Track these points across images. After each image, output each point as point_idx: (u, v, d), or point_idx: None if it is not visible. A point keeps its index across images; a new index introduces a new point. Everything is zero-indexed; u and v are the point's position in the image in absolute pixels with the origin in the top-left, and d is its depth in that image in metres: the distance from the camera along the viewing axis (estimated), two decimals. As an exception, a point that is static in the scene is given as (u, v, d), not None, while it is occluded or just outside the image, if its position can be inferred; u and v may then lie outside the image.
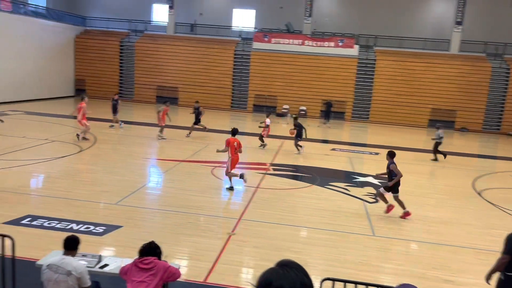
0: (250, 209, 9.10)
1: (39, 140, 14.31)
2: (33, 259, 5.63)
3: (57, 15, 27.67)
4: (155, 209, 8.80)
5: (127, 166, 12.18)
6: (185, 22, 30.27)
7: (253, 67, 28.19)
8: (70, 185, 9.88)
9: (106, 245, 6.88)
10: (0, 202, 8.39)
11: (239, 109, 28.19)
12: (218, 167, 12.77)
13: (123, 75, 29.56)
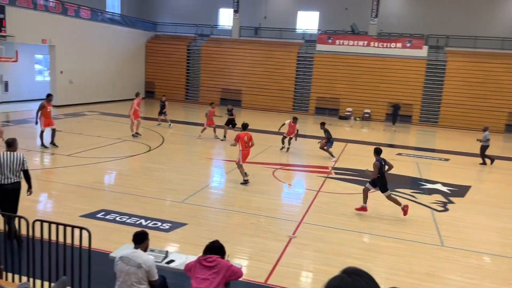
0: (310, 212, 9.04)
1: (113, 139, 15.24)
2: (107, 251, 6.03)
3: (131, 22, 29.32)
4: (218, 209, 9.03)
5: (192, 165, 12.61)
6: (250, 26, 30.74)
7: (316, 69, 27.98)
8: (140, 183, 10.42)
9: (171, 241, 7.18)
10: (78, 196, 9.06)
11: (301, 112, 28.08)
12: (280, 169, 12.83)
13: (189, 78, 30.63)
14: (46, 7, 22.33)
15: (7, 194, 6.51)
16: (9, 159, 6.57)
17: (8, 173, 6.51)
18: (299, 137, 15.90)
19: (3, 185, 6.48)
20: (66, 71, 23.14)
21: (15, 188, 6.60)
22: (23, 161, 6.70)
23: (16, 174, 6.59)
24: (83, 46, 24.10)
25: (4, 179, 6.49)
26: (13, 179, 6.56)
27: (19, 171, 6.64)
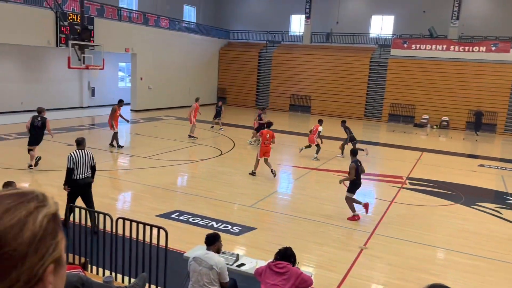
0: (383, 223, 8.72)
1: (187, 143, 15.87)
2: (180, 250, 6.27)
3: (206, 30, 30.44)
4: (287, 215, 9.02)
5: (261, 171, 12.72)
6: (321, 31, 30.51)
7: (390, 74, 27.02)
8: (211, 186, 10.73)
9: (241, 245, 7.29)
10: (155, 196, 9.54)
11: (373, 118, 27.27)
12: (350, 177, 12.52)
13: (260, 84, 31.06)
14: (129, 18, 23.91)
15: (80, 189, 7.25)
16: (82, 156, 7.27)
17: (81, 170, 7.23)
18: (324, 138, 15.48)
19: (77, 180, 7.19)
20: (145, 78, 24.57)
21: (87, 183, 7.34)
22: (92, 157, 7.44)
23: (87, 170, 7.32)
24: (161, 54, 25.43)
25: (78, 175, 7.21)
26: (85, 174, 7.28)
27: (89, 167, 7.36)
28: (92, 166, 7.45)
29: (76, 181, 7.20)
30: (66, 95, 23.20)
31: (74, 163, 7.18)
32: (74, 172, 7.19)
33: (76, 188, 7.22)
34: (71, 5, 19.95)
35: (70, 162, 7.19)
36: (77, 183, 7.20)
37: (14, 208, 0.75)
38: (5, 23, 16.87)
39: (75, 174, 7.20)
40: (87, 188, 7.36)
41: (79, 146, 7.43)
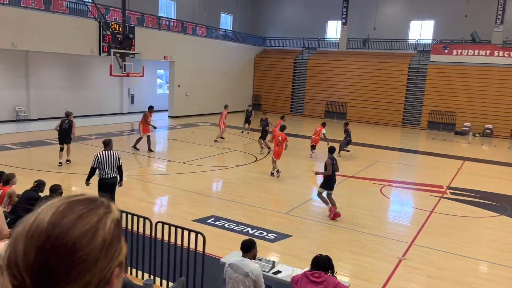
0: (423, 234, 8.46)
1: (222, 149, 16.03)
2: (216, 256, 6.33)
3: (242, 37, 30.77)
4: (322, 223, 8.92)
5: (296, 177, 12.69)
6: (358, 38, 30.17)
7: (429, 81, 26.30)
8: (246, 192, 10.78)
9: (277, 252, 7.27)
10: (191, 201, 9.69)
11: (412, 126, 26.59)
12: (388, 185, 12.27)
13: (295, 91, 31.01)
14: (168, 27, 24.53)
15: (106, 188, 7.54)
16: (108, 157, 7.62)
17: (107, 169, 7.60)
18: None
19: (104, 179, 7.59)
20: (182, 85, 25.08)
21: (113, 182, 7.72)
22: (118, 158, 7.76)
23: (113, 170, 7.67)
24: (198, 61, 25.91)
25: (104, 174, 7.59)
26: (111, 174, 7.65)
27: (115, 167, 7.70)
28: (119, 166, 7.78)
29: (105, 179, 7.60)
30: (107, 102, 24.02)
31: (99, 163, 7.56)
32: (101, 172, 7.59)
33: (103, 187, 7.57)
34: (113, 15, 20.69)
35: (95, 162, 7.59)
36: (105, 182, 7.59)
37: (86, 215, 0.79)
38: (53, 33, 17.72)
39: (102, 174, 7.60)
40: (113, 187, 7.76)
41: (106, 147, 7.79)
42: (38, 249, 0.74)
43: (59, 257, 0.74)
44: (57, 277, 0.74)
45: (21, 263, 0.74)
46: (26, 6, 17.09)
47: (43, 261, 0.74)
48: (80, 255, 0.75)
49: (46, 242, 0.74)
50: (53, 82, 20.98)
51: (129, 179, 11.67)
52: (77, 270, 0.75)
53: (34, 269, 0.74)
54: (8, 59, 18.90)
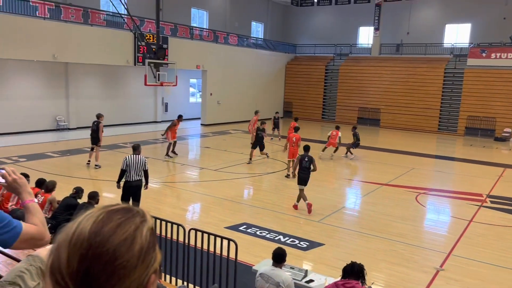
0: (461, 244, 8.17)
1: (255, 157, 16.07)
2: (247, 263, 6.34)
3: (273, 45, 30.90)
4: (356, 231, 8.77)
5: (329, 185, 12.55)
6: (391, 43, 29.69)
7: (466, 85, 25.48)
8: (277, 199, 10.75)
9: (309, 260, 7.20)
10: (223, 208, 9.76)
11: (448, 132, 25.80)
12: (423, 193, 11.94)
13: (326, 98, 30.78)
14: (200, 36, 24.97)
15: (132, 190, 8.07)
16: (135, 161, 8.08)
17: (133, 172, 8.04)
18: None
19: (130, 182, 8.03)
20: (214, 93, 25.40)
21: (138, 185, 8.15)
22: (144, 162, 8.21)
23: (139, 174, 8.12)
24: (230, 70, 26.20)
25: (130, 177, 8.03)
26: (137, 177, 8.08)
27: (141, 171, 8.15)
28: (145, 170, 8.23)
29: (130, 182, 8.04)
30: (142, 111, 24.62)
31: (128, 165, 8.02)
32: (127, 174, 8.02)
33: (129, 189, 8.06)
34: (148, 26, 21.28)
35: (124, 164, 8.08)
36: (130, 184, 8.04)
37: (124, 223, 0.83)
38: (91, 45, 18.40)
39: (128, 176, 8.03)
40: (138, 189, 8.19)
41: (135, 151, 8.32)
42: (81, 257, 0.78)
43: (100, 264, 0.77)
44: (99, 284, 0.77)
45: (65, 270, 0.78)
46: (66, 19, 17.84)
47: (85, 268, 0.77)
48: (119, 262, 0.79)
49: (88, 250, 0.78)
50: (90, 92, 21.74)
51: (163, 186, 11.89)
52: (117, 277, 0.78)
53: (78, 276, 0.77)
54: (49, 70, 19.75)
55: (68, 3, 18.70)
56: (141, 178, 8.21)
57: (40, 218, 1.95)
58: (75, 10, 18.25)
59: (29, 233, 1.86)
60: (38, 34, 16.52)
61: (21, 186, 1.95)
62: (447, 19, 28.83)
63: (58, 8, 17.68)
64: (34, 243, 1.92)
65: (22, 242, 1.85)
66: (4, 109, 18.24)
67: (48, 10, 17.24)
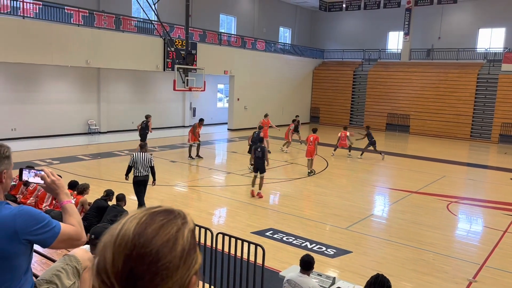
0: (495, 255, 7.88)
1: (280, 162, 16.05)
2: (275, 269, 6.31)
3: (300, 50, 30.84)
4: (384, 239, 8.60)
5: (357, 192, 12.38)
6: (421, 48, 29.12)
7: (500, 91, 24.68)
8: (304, 205, 10.68)
9: (336, 267, 7.10)
10: (250, 213, 9.76)
11: (481, 139, 25.03)
12: (455, 202, 11.60)
13: (354, 103, 30.44)
14: (228, 42, 25.20)
15: (139, 184, 8.84)
16: (142, 158, 8.81)
17: (141, 169, 8.78)
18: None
19: (137, 176, 8.81)
20: (241, 98, 25.54)
21: (145, 180, 8.89)
22: (151, 159, 8.91)
23: (145, 170, 8.84)
24: (257, 75, 26.30)
25: (138, 172, 8.79)
26: (143, 173, 8.82)
27: (148, 167, 8.86)
28: (151, 167, 8.92)
29: (137, 177, 8.82)
30: (170, 115, 25.01)
31: (135, 162, 8.81)
32: (135, 170, 8.81)
33: (137, 183, 8.84)
34: (177, 32, 21.64)
35: (131, 161, 8.90)
36: (138, 179, 8.82)
37: (166, 225, 0.85)
38: (122, 51, 18.86)
39: (136, 172, 8.81)
40: (144, 184, 8.94)
41: (142, 149, 9.06)
42: (126, 257, 0.80)
43: (144, 264, 0.79)
44: (143, 283, 0.79)
45: (110, 270, 0.80)
46: (99, 26, 18.36)
47: (130, 268, 0.79)
48: (163, 263, 0.80)
49: (132, 250, 0.80)
50: (121, 97, 22.25)
51: (190, 190, 12.01)
52: (160, 277, 0.80)
53: (123, 276, 0.79)
54: (82, 76, 20.35)
55: (101, 10, 19.25)
56: (148, 174, 8.92)
57: (77, 219, 2.01)
58: (108, 17, 18.77)
59: (67, 233, 1.92)
60: (72, 40, 17.07)
61: (59, 187, 2.01)
62: (480, 23, 28.07)
63: (92, 15, 18.22)
64: (71, 243, 1.98)
65: (60, 242, 1.92)
66: (39, 113, 18.90)
67: (82, 17, 17.79)
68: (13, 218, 1.84)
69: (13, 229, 1.83)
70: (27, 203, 7.70)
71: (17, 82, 18.21)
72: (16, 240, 1.84)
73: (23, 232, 1.85)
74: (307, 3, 32.44)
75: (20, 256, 1.90)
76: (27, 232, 1.85)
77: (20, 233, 1.84)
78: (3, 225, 1.83)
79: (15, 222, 1.84)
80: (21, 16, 15.85)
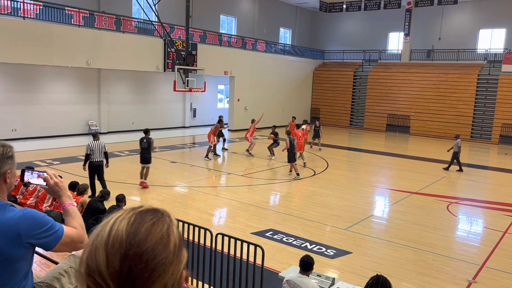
0: (495, 256, 7.88)
1: (280, 162, 16.05)
2: (275, 269, 6.31)
3: (300, 51, 30.86)
4: (384, 240, 8.60)
5: (357, 192, 12.38)
6: (421, 49, 29.13)
7: (501, 92, 24.68)
8: (304, 206, 10.68)
9: (336, 268, 7.10)
10: (250, 214, 9.77)
11: (481, 140, 25.03)
12: (455, 203, 11.60)
13: (354, 104, 30.45)
14: (229, 43, 25.21)
15: (95, 168, 10.17)
16: (96, 145, 10.14)
17: (97, 155, 10.11)
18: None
19: (93, 162, 10.12)
20: (242, 99, 25.54)
21: (100, 165, 10.24)
22: (104, 145, 10.28)
23: (100, 155, 10.19)
24: (257, 76, 26.31)
25: (94, 158, 10.11)
26: (98, 158, 10.18)
27: (102, 153, 10.20)
28: (105, 152, 10.27)
29: (93, 162, 10.12)
30: (171, 116, 25.02)
31: (91, 150, 10.06)
32: (92, 157, 10.05)
33: (94, 168, 10.13)
34: (177, 33, 21.66)
35: (88, 149, 10.10)
36: (94, 164, 10.13)
37: (157, 223, 0.87)
38: (123, 52, 18.88)
39: (93, 158, 10.07)
40: (101, 168, 10.25)
41: (95, 138, 10.32)
42: (122, 257, 0.81)
43: (142, 262, 0.81)
44: (141, 281, 0.80)
45: (105, 271, 0.81)
46: (99, 27, 18.38)
47: (128, 267, 0.80)
48: (159, 259, 0.82)
49: (128, 249, 0.81)
50: (121, 97, 22.26)
51: (190, 190, 12.02)
52: (157, 273, 0.82)
53: (121, 275, 0.80)
54: (83, 76, 20.37)
55: (102, 11, 19.27)
56: (102, 159, 10.23)
57: (79, 221, 2.01)
58: (108, 17, 18.79)
59: (69, 236, 1.91)
60: (73, 41, 17.09)
61: (61, 189, 2.01)
62: (480, 24, 28.07)
63: (92, 16, 18.25)
64: (74, 245, 1.98)
65: (63, 245, 1.91)
66: (40, 113, 18.91)
67: (83, 18, 17.81)
68: (17, 221, 1.83)
69: (17, 232, 1.82)
70: (27, 203, 7.71)
71: (18, 83, 18.23)
72: (19, 243, 1.83)
73: (26, 236, 1.84)
74: (308, 4, 32.45)
75: (22, 259, 1.89)
76: (31, 236, 1.85)
77: (23, 237, 1.83)
78: (7, 228, 1.82)
79: (19, 225, 1.83)
80: (22, 16, 15.87)
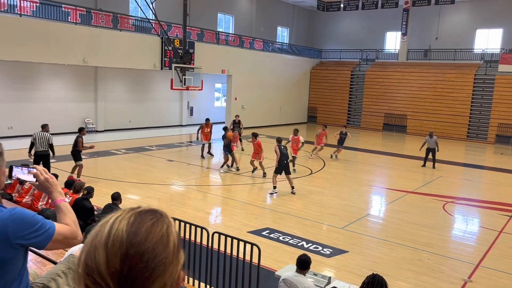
0: (490, 255, 7.92)
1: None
2: (271, 268, 6.32)
3: (298, 50, 30.86)
4: (381, 239, 8.63)
5: (353, 191, 12.40)
6: (418, 48, 29.19)
7: (497, 92, 24.77)
8: (301, 205, 10.69)
9: (332, 267, 7.12)
10: (246, 213, 9.77)
11: (478, 140, 25.12)
12: (451, 202, 11.64)
13: (351, 103, 30.49)
14: (226, 41, 25.18)
15: (40, 158, 10.45)
16: (40, 136, 10.45)
17: (40, 145, 10.41)
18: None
19: (37, 151, 10.42)
20: (239, 98, 25.52)
21: (44, 155, 10.53)
22: (49, 137, 10.54)
23: (44, 146, 10.46)
24: (255, 74, 26.29)
25: (37, 148, 10.40)
26: (42, 149, 10.44)
27: (46, 144, 10.47)
28: (50, 144, 10.51)
29: (37, 152, 10.43)
30: (168, 114, 24.98)
31: (34, 139, 10.45)
32: (36, 146, 10.39)
33: (38, 157, 10.43)
34: (175, 31, 21.61)
35: (32, 138, 10.51)
36: (38, 154, 10.44)
37: (156, 223, 0.88)
38: (120, 50, 18.82)
39: (37, 147, 10.40)
40: (45, 158, 10.59)
41: (43, 129, 10.63)
42: (122, 257, 0.81)
43: (142, 261, 0.81)
44: (142, 280, 0.81)
45: (105, 271, 0.81)
46: (96, 25, 18.31)
47: (128, 266, 0.81)
48: (159, 259, 0.83)
49: (130, 249, 0.82)
50: (118, 95, 22.20)
51: (187, 189, 12.01)
52: (157, 273, 0.82)
53: (121, 275, 0.81)
54: (80, 74, 20.30)
55: (99, 9, 19.20)
56: (47, 150, 10.48)
57: (72, 217, 1.99)
58: (105, 15, 18.72)
59: (62, 234, 1.89)
60: (69, 38, 17.02)
61: (52, 185, 1.99)
62: (477, 24, 28.14)
63: (89, 13, 18.17)
64: (67, 242, 1.96)
65: (56, 243, 1.88)
66: (36, 111, 18.83)
67: (80, 15, 17.74)
68: (5, 223, 1.78)
69: (5, 234, 1.77)
70: (23, 201, 7.69)
71: (14, 80, 18.14)
72: (8, 244, 1.78)
73: (15, 237, 1.78)
74: (305, 3, 32.45)
75: (12, 260, 1.84)
76: (19, 237, 1.79)
77: (12, 238, 1.78)
78: None
79: (7, 227, 1.77)
80: (18, 14, 15.79)
